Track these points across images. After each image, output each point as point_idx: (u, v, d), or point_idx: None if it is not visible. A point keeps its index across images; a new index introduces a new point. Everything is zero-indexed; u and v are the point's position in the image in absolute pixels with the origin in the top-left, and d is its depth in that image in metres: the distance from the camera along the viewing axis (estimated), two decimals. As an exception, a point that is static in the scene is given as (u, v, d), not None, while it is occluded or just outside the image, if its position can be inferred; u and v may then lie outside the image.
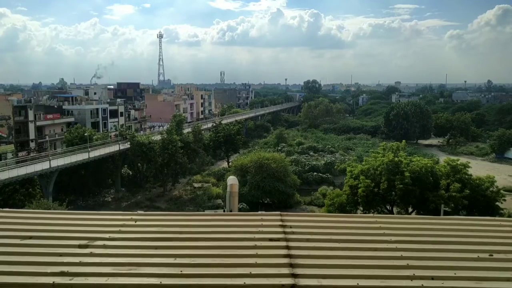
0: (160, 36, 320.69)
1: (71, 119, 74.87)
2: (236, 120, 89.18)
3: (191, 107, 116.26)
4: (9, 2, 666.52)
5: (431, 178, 36.06)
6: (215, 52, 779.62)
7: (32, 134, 66.81)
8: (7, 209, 4.84)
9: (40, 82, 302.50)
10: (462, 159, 42.15)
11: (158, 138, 57.47)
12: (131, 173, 60.83)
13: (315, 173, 59.40)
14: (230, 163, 65.83)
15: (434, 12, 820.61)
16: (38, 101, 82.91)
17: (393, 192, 36.43)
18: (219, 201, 48.52)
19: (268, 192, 48.46)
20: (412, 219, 4.90)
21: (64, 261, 3.37)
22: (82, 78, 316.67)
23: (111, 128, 78.80)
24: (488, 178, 36.07)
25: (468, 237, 4.07)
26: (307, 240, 3.85)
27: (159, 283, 3.06)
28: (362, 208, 37.47)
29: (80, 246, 3.68)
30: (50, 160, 45.76)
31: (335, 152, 73.85)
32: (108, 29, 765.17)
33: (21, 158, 51.49)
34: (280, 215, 4.47)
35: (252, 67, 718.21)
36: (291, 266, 3.31)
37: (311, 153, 72.99)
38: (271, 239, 3.84)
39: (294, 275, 3.16)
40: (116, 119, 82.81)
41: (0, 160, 52.55)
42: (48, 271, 3.20)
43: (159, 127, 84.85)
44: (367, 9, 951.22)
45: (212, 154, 70.94)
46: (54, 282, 3.05)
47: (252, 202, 45.64)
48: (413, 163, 37.09)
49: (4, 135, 62.38)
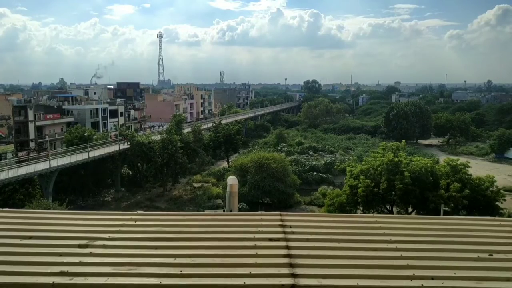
0: (160, 36, 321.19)
1: (71, 119, 74.88)
2: (236, 120, 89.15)
3: (191, 107, 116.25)
4: (9, 2, 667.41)
5: (431, 178, 36.04)
6: (215, 52, 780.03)
7: (32, 134, 66.82)
8: (7, 209, 4.84)
9: (40, 82, 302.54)
10: (462, 159, 42.15)
11: (158, 138, 57.47)
12: (131, 173, 60.85)
13: (315, 173, 59.41)
14: (230, 163, 65.84)
15: (434, 12, 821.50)
16: (38, 101, 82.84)
17: (393, 192, 36.42)
18: (219, 201, 48.50)
19: (268, 192, 48.46)
20: (412, 219, 4.90)
21: (64, 261, 3.37)
22: (82, 78, 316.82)
23: (111, 128, 78.77)
24: (488, 178, 36.05)
25: (468, 237, 4.07)
26: (307, 240, 3.85)
27: (159, 283, 3.06)
28: (362, 208, 37.45)
29: (80, 246, 3.68)
30: (50, 160, 45.77)
31: (335, 152, 73.86)
32: (108, 29, 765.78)
33: (21, 158, 51.50)
34: (280, 215, 4.47)
35: (252, 67, 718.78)
36: (291, 266, 3.31)
37: (311, 153, 73.00)
38: (271, 239, 3.84)
39: (294, 275, 3.16)
40: (116, 119, 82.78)
41: (0, 160, 52.57)
42: (48, 271, 3.20)
43: (159, 127, 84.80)
44: (367, 9, 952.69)
45: (212, 154, 70.91)
46: (54, 282, 3.05)
47: (252, 202, 45.63)
48: (413, 163, 37.08)
49: (4, 135, 62.39)
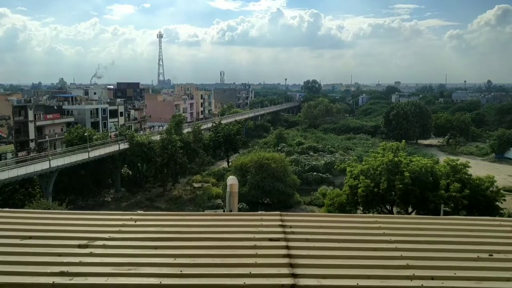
0: (160, 36, 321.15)
1: (71, 119, 74.87)
2: (236, 120, 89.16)
3: (191, 107, 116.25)
4: (9, 2, 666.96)
5: (431, 178, 36.05)
6: (215, 52, 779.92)
7: (32, 134, 66.83)
8: (7, 209, 4.83)
9: (40, 82, 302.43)
10: (462, 159, 42.15)
11: (157, 138, 57.46)
12: (131, 173, 60.86)
13: (315, 173, 59.40)
14: (230, 163, 65.83)
15: (434, 12, 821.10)
16: (38, 101, 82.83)
17: (393, 192, 36.43)
18: (219, 201, 48.49)
19: (268, 192, 48.46)
20: (412, 219, 4.90)
21: (64, 261, 3.37)
22: (82, 78, 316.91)
23: (111, 128, 78.78)
24: (488, 178, 36.06)
25: (468, 237, 4.07)
26: (307, 240, 3.85)
27: (159, 283, 3.06)
28: (362, 208, 37.46)
29: (80, 246, 3.68)
30: (50, 160, 45.77)
31: (335, 152, 73.84)
32: (108, 29, 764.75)
33: (21, 158, 51.52)
34: (280, 215, 4.47)
35: (252, 67, 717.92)
36: (291, 266, 3.31)
37: (311, 153, 72.98)
38: (271, 239, 3.84)
39: (294, 275, 3.16)
40: (116, 119, 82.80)
41: (0, 160, 52.57)
42: (48, 271, 3.20)
43: (159, 127, 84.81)
44: (367, 9, 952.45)
45: (212, 154, 70.88)
46: (54, 282, 3.05)
47: (252, 202, 45.66)
48: (413, 163, 37.09)
49: (4, 135, 62.39)
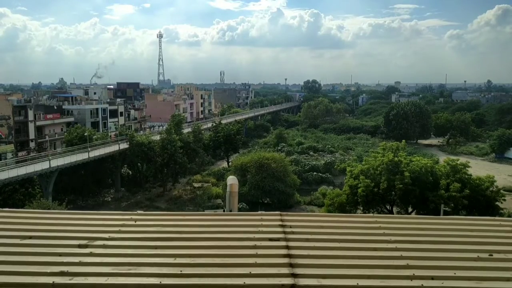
0: (160, 36, 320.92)
1: (71, 119, 74.86)
2: (236, 120, 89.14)
3: (191, 107, 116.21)
4: (9, 2, 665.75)
5: (431, 178, 36.04)
6: (215, 52, 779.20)
7: (32, 134, 66.81)
8: (7, 209, 4.83)
9: (39, 82, 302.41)
10: (462, 159, 42.16)
11: (157, 138, 57.46)
12: (131, 173, 60.86)
13: (315, 173, 59.42)
14: (230, 163, 65.82)
15: (434, 12, 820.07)
16: (38, 101, 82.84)
17: (393, 192, 36.42)
18: (219, 201, 48.51)
19: (268, 192, 48.45)
20: (412, 219, 4.90)
21: (64, 261, 3.37)
22: (82, 78, 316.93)
23: (110, 128, 78.80)
24: (488, 178, 36.05)
25: (468, 237, 4.07)
26: (307, 240, 3.85)
27: (159, 283, 3.06)
28: (362, 208, 37.45)
29: (80, 246, 3.68)
30: (50, 160, 45.78)
31: (335, 152, 73.86)
32: (108, 29, 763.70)
33: (21, 158, 51.53)
34: (280, 215, 4.47)
35: (252, 67, 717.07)
36: (291, 266, 3.31)
37: (311, 153, 73.02)
38: (271, 239, 3.84)
39: (294, 275, 3.16)
40: (116, 119, 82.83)
41: (0, 160, 52.57)
42: (48, 271, 3.19)
43: (159, 127, 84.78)
44: (367, 9, 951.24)
45: (212, 154, 70.92)
46: (54, 282, 3.05)
47: (252, 202, 45.68)
48: (413, 163, 37.08)
49: (4, 135, 62.38)
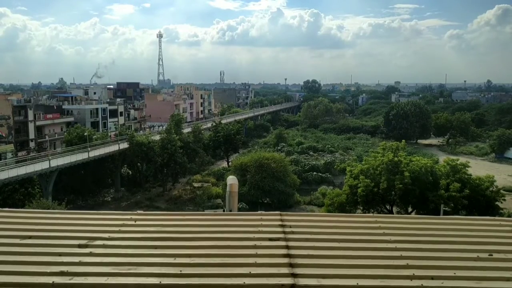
0: (160, 36, 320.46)
1: (71, 119, 74.87)
2: (235, 120, 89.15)
3: (190, 107, 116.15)
4: (9, 2, 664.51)
5: (430, 178, 36.04)
6: (215, 51, 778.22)
7: (31, 134, 66.80)
8: (6, 208, 4.83)
9: (39, 82, 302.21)
10: (462, 159, 42.19)
11: (157, 138, 57.46)
12: (130, 173, 60.86)
13: (314, 173, 59.43)
14: (230, 163, 65.83)
15: (434, 12, 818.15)
16: (38, 100, 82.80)
17: (392, 192, 36.41)
18: (219, 200, 48.48)
19: (267, 192, 48.44)
20: (411, 219, 4.90)
21: (64, 260, 3.37)
22: (82, 78, 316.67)
23: (110, 127, 78.79)
24: (488, 178, 36.07)
25: (468, 237, 4.07)
26: (307, 239, 3.85)
27: (158, 282, 3.06)
28: (361, 208, 37.45)
29: (79, 246, 3.68)
30: (49, 160, 45.79)
31: (334, 152, 73.85)
32: (108, 28, 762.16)
33: (20, 157, 51.52)
34: (280, 214, 4.47)
35: (252, 67, 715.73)
36: (290, 265, 3.31)
37: (311, 153, 73.03)
38: (270, 239, 3.83)
39: (294, 275, 3.16)
40: (116, 119, 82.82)
41: (0, 159, 52.55)
42: (48, 270, 3.19)
43: (159, 127, 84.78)
44: (367, 8, 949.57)
45: (211, 154, 70.89)
46: (53, 282, 3.05)
47: (252, 201, 45.67)
48: (412, 162, 37.08)
49: (3, 135, 62.38)
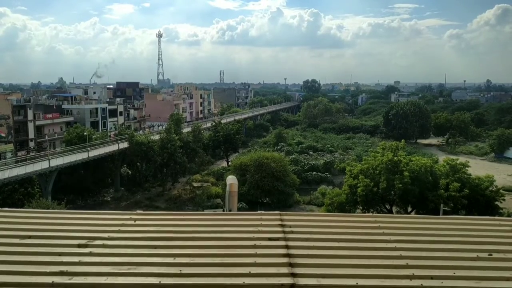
0: (160, 35, 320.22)
1: (71, 119, 74.81)
2: (235, 120, 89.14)
3: (190, 107, 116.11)
4: (9, 1, 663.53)
5: (430, 178, 36.07)
6: (215, 51, 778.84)
7: (31, 134, 66.76)
8: (6, 208, 4.83)
9: (39, 82, 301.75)
10: (462, 159, 42.25)
11: (157, 137, 57.44)
12: (130, 172, 60.81)
13: (314, 172, 59.42)
14: (230, 163, 65.82)
15: (433, 11, 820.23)
16: (37, 100, 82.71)
17: (392, 192, 36.44)
18: (219, 200, 48.44)
19: (267, 192, 48.44)
20: (411, 219, 4.90)
21: (64, 260, 3.37)
22: (82, 78, 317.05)
23: (110, 127, 78.74)
24: (488, 178, 36.13)
25: (468, 236, 4.07)
26: (306, 239, 3.85)
27: (158, 282, 3.05)
28: (361, 208, 37.48)
29: (79, 246, 3.67)
30: (49, 160, 45.72)
31: (334, 152, 73.89)
32: (108, 28, 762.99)
33: (20, 157, 51.49)
34: (280, 214, 4.47)
35: (251, 67, 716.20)
36: (290, 265, 3.31)
37: (311, 152, 73.06)
38: (270, 239, 3.83)
39: (293, 275, 3.16)
40: (116, 119, 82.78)
41: (0, 159, 52.52)
42: (47, 270, 3.19)
43: (159, 126, 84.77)
44: (367, 8, 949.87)
45: (211, 154, 70.90)
46: (53, 282, 3.05)
47: (252, 201, 45.67)
48: (412, 162, 37.11)
49: (3, 135, 62.35)
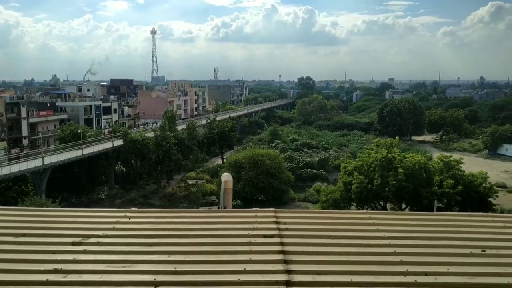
0: (154, 32, 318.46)
1: (64, 116, 74.36)
2: (230, 117, 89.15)
3: (185, 104, 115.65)
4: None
5: (424, 175, 36.28)
6: (209, 48, 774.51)
7: (24, 131, 66.28)
8: (-1, 206, 4.80)
9: (32, 79, 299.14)
10: (455, 156, 42.50)
11: (151, 135, 57.27)
12: (124, 170, 60.63)
13: (309, 169, 59.52)
14: (224, 160, 65.80)
15: (427, 8, 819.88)
16: (31, 98, 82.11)
17: (386, 188, 36.62)
18: (213, 198, 48.39)
19: (262, 189, 48.49)
20: (405, 215, 4.93)
21: (58, 258, 3.35)
22: (75, 75, 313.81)
23: (104, 125, 78.40)
24: (481, 174, 36.41)
25: (461, 233, 4.09)
26: (301, 236, 3.86)
27: (153, 280, 3.05)
28: (355, 205, 37.63)
29: (73, 244, 3.66)
30: (43, 157, 45.48)
31: (329, 149, 74.04)
32: (101, 25, 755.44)
33: (13, 155, 51.18)
34: (274, 211, 4.48)
35: (246, 64, 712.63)
36: (285, 262, 3.32)
37: (305, 149, 73.12)
38: (265, 236, 3.84)
39: (288, 271, 3.17)
40: (110, 116, 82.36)
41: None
42: (42, 268, 3.18)
43: (153, 123, 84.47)
44: (361, 5, 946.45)
45: (206, 151, 70.81)
46: (47, 280, 3.04)
47: (246, 198, 45.67)
48: (406, 159, 37.29)
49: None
